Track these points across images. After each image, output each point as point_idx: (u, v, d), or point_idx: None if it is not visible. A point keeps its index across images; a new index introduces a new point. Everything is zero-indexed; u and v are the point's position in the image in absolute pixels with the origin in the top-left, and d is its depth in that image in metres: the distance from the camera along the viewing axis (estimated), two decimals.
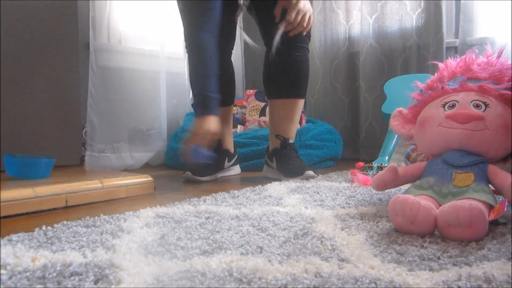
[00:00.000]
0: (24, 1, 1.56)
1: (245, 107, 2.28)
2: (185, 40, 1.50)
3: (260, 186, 1.31)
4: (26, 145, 1.56)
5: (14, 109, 1.54)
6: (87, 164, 1.80)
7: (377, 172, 1.46)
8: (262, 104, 2.21)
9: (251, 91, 2.28)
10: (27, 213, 1.01)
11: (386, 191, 1.16)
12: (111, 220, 0.86)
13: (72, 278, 0.54)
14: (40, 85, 1.61)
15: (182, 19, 1.51)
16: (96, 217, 0.88)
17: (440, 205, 0.80)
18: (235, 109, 2.28)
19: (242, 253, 0.64)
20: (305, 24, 1.50)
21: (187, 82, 2.34)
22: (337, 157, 2.10)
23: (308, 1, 1.52)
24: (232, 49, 1.73)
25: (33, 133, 1.59)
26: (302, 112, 2.16)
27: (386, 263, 0.60)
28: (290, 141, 1.60)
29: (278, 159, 1.60)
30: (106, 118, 1.95)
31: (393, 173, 0.95)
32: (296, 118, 1.65)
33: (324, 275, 0.55)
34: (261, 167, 1.79)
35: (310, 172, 1.49)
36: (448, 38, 2.13)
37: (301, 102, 1.65)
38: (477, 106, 0.89)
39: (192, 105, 2.22)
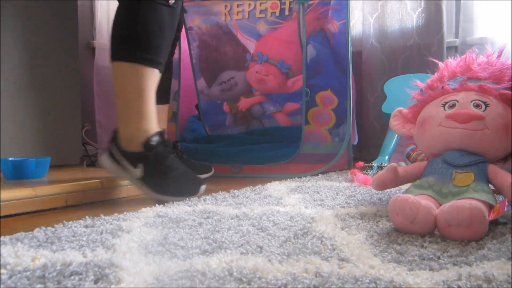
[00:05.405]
0: (24, 1, 1.56)
1: None
2: None
3: (260, 185, 1.31)
4: (26, 145, 1.56)
5: (14, 109, 1.54)
6: (102, 164, 1.79)
7: (377, 171, 1.46)
8: None
9: None
10: (27, 213, 1.01)
11: (386, 191, 1.16)
12: (111, 220, 0.86)
13: (72, 277, 0.54)
14: (40, 85, 1.61)
15: None
16: (96, 217, 0.88)
17: (440, 205, 0.80)
18: None
19: (242, 253, 0.64)
20: None
21: None
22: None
23: None
24: None
25: (33, 133, 1.59)
26: None
27: (386, 262, 0.60)
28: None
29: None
30: (112, 118, 1.95)
31: (393, 172, 0.95)
32: None
33: (324, 275, 0.55)
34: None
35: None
36: (448, 38, 2.13)
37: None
38: (477, 105, 0.89)
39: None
